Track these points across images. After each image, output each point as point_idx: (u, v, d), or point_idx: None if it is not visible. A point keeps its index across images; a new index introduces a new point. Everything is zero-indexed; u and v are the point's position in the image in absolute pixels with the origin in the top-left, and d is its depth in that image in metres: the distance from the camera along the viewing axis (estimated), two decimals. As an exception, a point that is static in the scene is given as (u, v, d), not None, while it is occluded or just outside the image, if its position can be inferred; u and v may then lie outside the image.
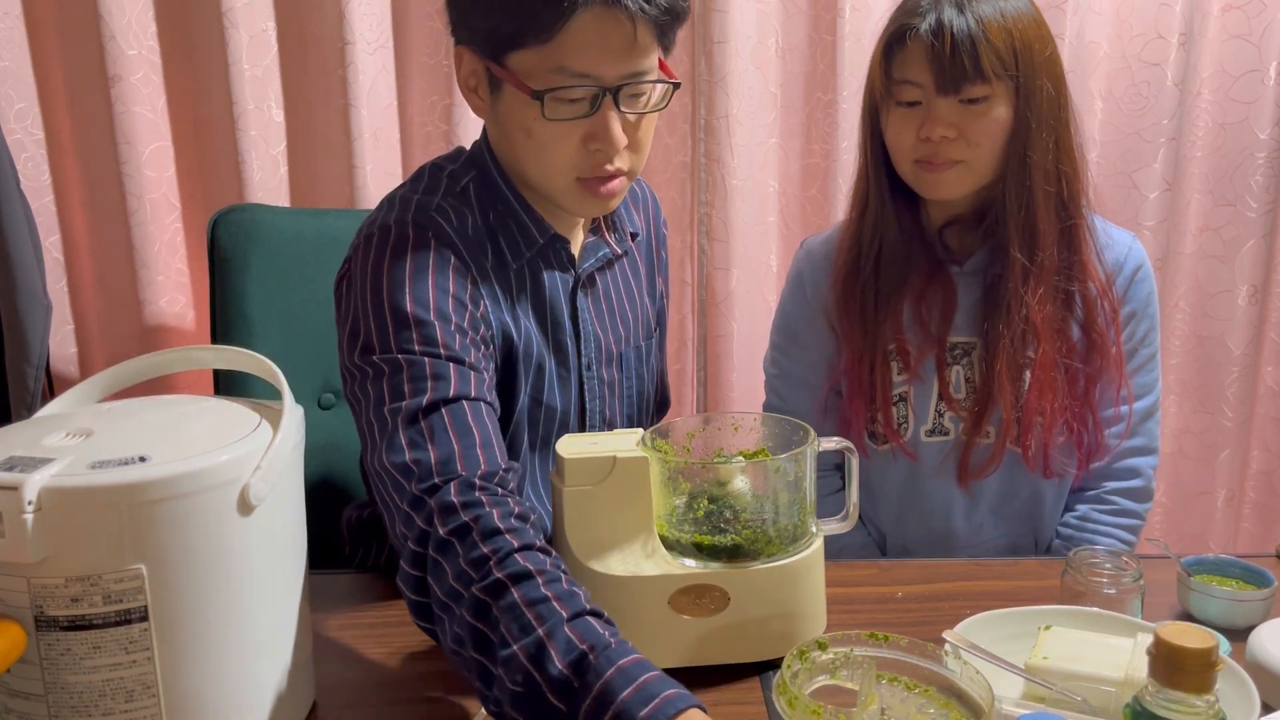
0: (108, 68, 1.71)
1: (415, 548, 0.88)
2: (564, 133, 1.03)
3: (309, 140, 1.82)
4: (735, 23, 1.83)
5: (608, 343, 1.22)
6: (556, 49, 0.99)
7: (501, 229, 1.12)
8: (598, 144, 1.04)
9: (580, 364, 1.19)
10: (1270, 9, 1.85)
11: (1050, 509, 1.41)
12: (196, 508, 0.74)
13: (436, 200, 1.08)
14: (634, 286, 1.28)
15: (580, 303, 1.18)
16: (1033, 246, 1.29)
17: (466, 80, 1.09)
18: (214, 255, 1.49)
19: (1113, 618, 0.97)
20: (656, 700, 0.75)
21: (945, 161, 1.28)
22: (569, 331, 1.17)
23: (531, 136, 1.04)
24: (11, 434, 0.79)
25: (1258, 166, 1.91)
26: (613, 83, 1.01)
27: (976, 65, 1.23)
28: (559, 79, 1.00)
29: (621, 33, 0.99)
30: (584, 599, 0.83)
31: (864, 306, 1.37)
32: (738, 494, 0.99)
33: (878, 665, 0.83)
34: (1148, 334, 1.40)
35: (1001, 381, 1.31)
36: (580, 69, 0.99)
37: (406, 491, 0.90)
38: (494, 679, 0.80)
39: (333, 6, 1.73)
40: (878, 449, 1.41)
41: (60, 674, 0.73)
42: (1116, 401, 1.37)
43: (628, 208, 1.26)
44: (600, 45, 0.99)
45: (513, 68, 1.02)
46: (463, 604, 0.83)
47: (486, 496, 0.88)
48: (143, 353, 0.92)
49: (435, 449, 0.92)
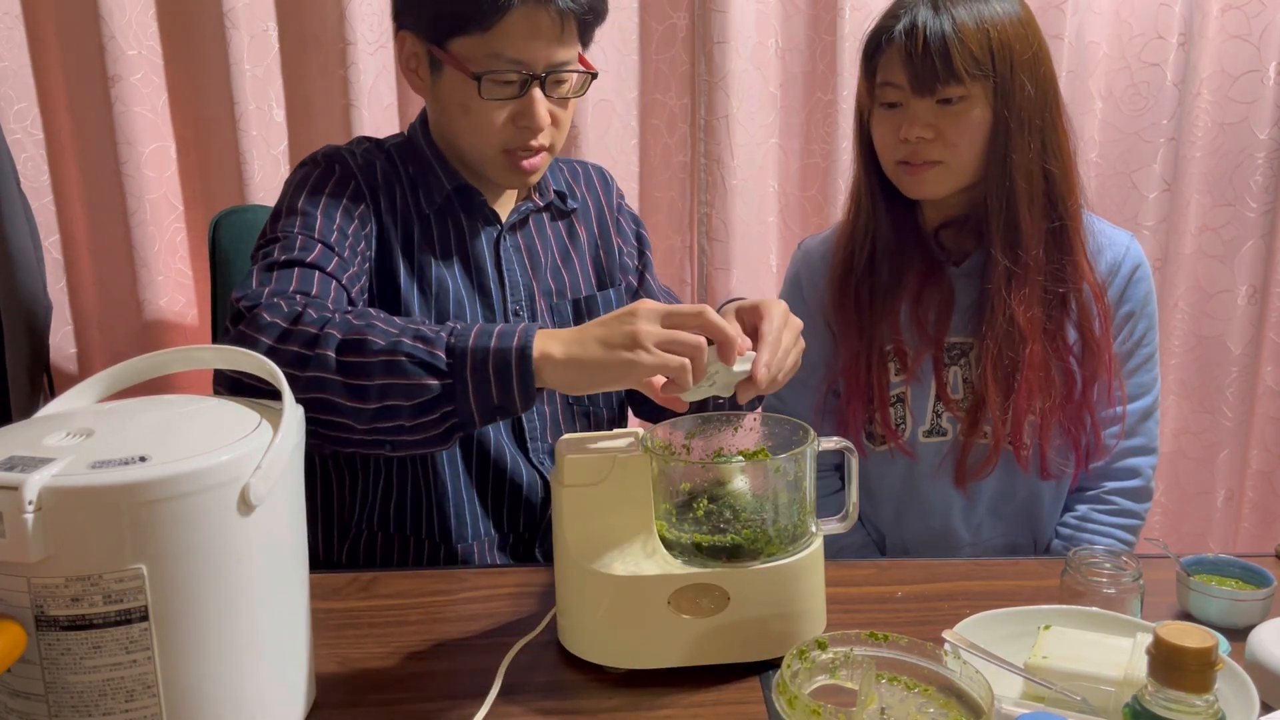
0: (108, 68, 1.71)
1: (277, 322, 0.98)
2: (496, 110, 1.18)
3: (310, 140, 1.82)
4: (735, 23, 1.83)
5: (538, 294, 1.32)
6: (494, 37, 1.15)
7: (419, 179, 1.27)
8: (525, 121, 1.19)
9: (507, 309, 1.29)
10: (1270, 9, 1.85)
11: (1049, 509, 1.41)
12: (196, 508, 0.74)
13: (350, 146, 1.27)
14: (568, 249, 1.38)
15: (504, 251, 1.30)
16: (1015, 247, 1.30)
17: (407, 62, 1.24)
18: (215, 256, 1.49)
19: (1112, 617, 0.97)
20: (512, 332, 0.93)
21: (925, 162, 1.29)
22: (492, 277, 1.29)
23: (468, 113, 1.19)
24: (11, 434, 0.79)
25: (1257, 166, 1.91)
26: (541, 70, 1.17)
27: (949, 65, 1.24)
28: (495, 63, 1.16)
29: (551, 26, 1.16)
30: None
31: (859, 306, 1.37)
32: (738, 494, 0.99)
33: (877, 665, 0.83)
34: (1146, 333, 1.40)
35: (987, 382, 1.31)
36: (513, 55, 1.16)
37: (241, 307, 1.01)
38: (369, 392, 0.92)
39: (333, 7, 1.73)
40: (875, 449, 1.41)
41: (60, 674, 0.73)
42: (1114, 402, 1.37)
43: (559, 179, 1.38)
44: (531, 36, 1.15)
45: (454, 52, 1.17)
46: (329, 343, 0.94)
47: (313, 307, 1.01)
48: (143, 353, 0.91)
49: (275, 285, 1.06)
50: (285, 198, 1.20)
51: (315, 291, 1.08)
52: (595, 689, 0.93)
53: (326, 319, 0.97)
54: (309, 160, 1.25)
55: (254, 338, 0.97)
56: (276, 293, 1.04)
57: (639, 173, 1.95)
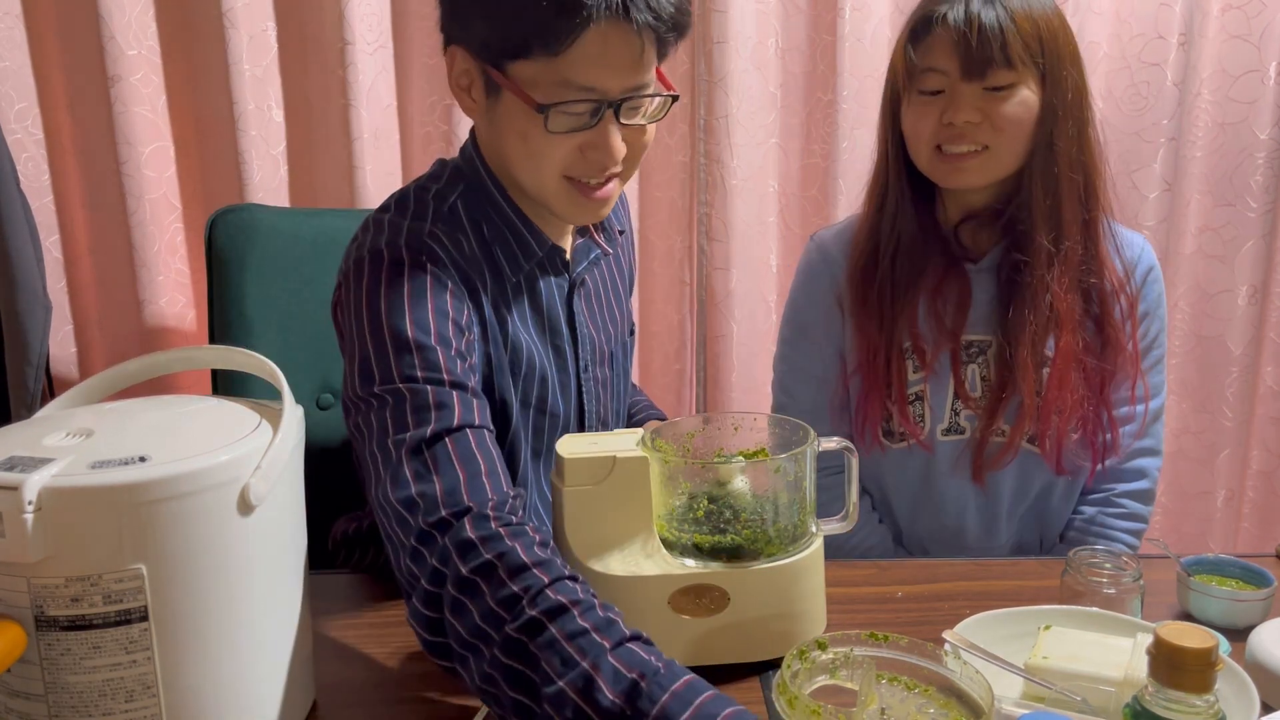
0: (108, 68, 1.71)
1: (430, 587, 0.85)
2: (562, 141, 1.02)
3: (309, 140, 1.82)
4: (735, 23, 1.83)
5: (600, 342, 1.22)
6: (563, 62, 0.97)
7: (498, 242, 1.10)
8: (596, 154, 1.03)
9: (578, 367, 1.19)
10: (1270, 9, 1.85)
11: (1059, 505, 1.41)
12: (196, 508, 0.74)
13: (427, 226, 1.05)
14: (619, 283, 1.29)
15: (575, 306, 1.18)
16: (1059, 234, 1.31)
17: (458, 80, 1.07)
18: (212, 255, 1.49)
19: (1113, 618, 0.97)
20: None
21: (968, 151, 1.29)
22: (566, 336, 1.17)
23: (527, 141, 1.03)
24: (11, 434, 0.79)
25: (1257, 166, 1.91)
26: (616, 96, 1.01)
27: (1004, 51, 1.24)
28: (564, 92, 0.99)
29: (629, 47, 0.98)
30: (623, 625, 0.81)
31: (880, 301, 1.37)
32: (738, 494, 0.99)
33: (877, 665, 0.83)
34: (1158, 335, 1.41)
35: (1026, 369, 1.31)
36: (586, 83, 0.99)
37: (413, 526, 0.87)
38: (537, 716, 0.78)
39: (333, 6, 1.73)
40: (893, 446, 1.41)
41: (60, 674, 0.73)
42: (1131, 400, 1.38)
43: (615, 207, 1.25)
44: (606, 60, 0.98)
45: (514, 76, 1.00)
46: (493, 644, 0.80)
47: (504, 529, 0.85)
48: (143, 353, 0.92)
49: (440, 480, 0.89)
50: (382, 314, 0.98)
51: (483, 466, 0.91)
52: (595, 689, 0.93)
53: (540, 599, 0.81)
54: (390, 255, 1.01)
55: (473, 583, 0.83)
56: (475, 516, 0.86)
57: (638, 172, 1.95)
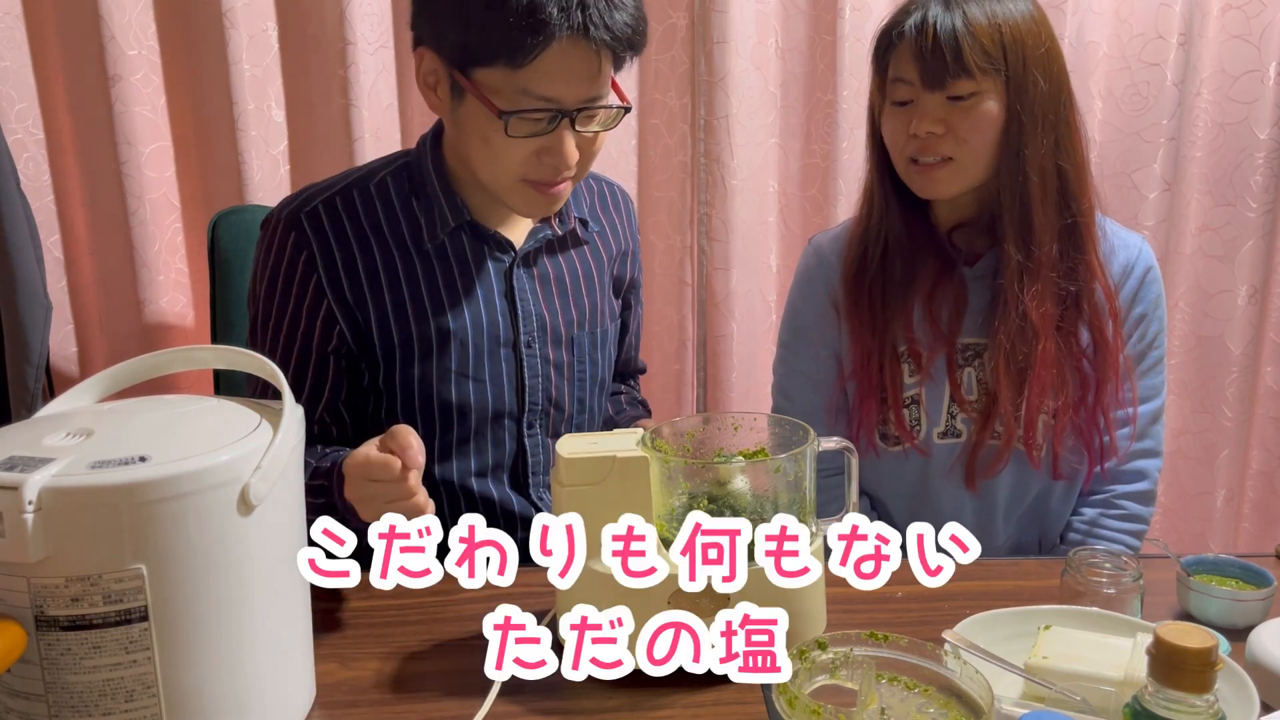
0: (108, 68, 1.71)
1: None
2: (520, 144, 1.10)
3: (309, 140, 1.82)
4: (735, 23, 1.83)
5: (555, 323, 1.27)
6: (526, 73, 1.06)
7: (424, 212, 1.21)
8: (551, 159, 1.12)
9: (519, 340, 1.24)
10: (1270, 9, 1.85)
11: (1058, 509, 1.41)
12: (196, 508, 0.74)
13: (329, 194, 1.20)
14: (593, 276, 1.33)
15: (518, 281, 1.25)
16: (1029, 243, 1.29)
17: (426, 78, 1.15)
18: (214, 256, 1.49)
19: (1112, 618, 0.97)
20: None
21: (936, 161, 1.29)
22: (501, 308, 1.24)
23: (488, 144, 1.11)
24: (11, 434, 0.79)
25: (1257, 166, 1.91)
26: (572, 106, 1.09)
27: (959, 60, 1.24)
28: (525, 100, 1.07)
29: (586, 63, 1.07)
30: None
31: (873, 304, 1.37)
32: (738, 494, 0.98)
33: (877, 665, 0.83)
34: (1157, 336, 1.40)
35: (999, 378, 1.31)
36: (545, 93, 1.07)
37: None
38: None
39: (333, 7, 1.73)
40: (889, 450, 1.41)
41: (60, 674, 0.73)
42: (1125, 403, 1.37)
43: (580, 204, 1.32)
44: (565, 73, 1.07)
45: (479, 82, 1.08)
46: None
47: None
48: (143, 353, 0.92)
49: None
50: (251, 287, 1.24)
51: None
52: (595, 689, 0.93)
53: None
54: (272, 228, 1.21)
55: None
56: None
57: (638, 172, 1.95)
